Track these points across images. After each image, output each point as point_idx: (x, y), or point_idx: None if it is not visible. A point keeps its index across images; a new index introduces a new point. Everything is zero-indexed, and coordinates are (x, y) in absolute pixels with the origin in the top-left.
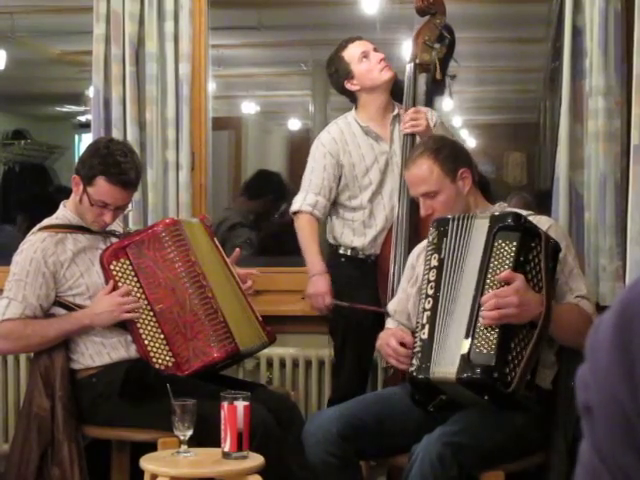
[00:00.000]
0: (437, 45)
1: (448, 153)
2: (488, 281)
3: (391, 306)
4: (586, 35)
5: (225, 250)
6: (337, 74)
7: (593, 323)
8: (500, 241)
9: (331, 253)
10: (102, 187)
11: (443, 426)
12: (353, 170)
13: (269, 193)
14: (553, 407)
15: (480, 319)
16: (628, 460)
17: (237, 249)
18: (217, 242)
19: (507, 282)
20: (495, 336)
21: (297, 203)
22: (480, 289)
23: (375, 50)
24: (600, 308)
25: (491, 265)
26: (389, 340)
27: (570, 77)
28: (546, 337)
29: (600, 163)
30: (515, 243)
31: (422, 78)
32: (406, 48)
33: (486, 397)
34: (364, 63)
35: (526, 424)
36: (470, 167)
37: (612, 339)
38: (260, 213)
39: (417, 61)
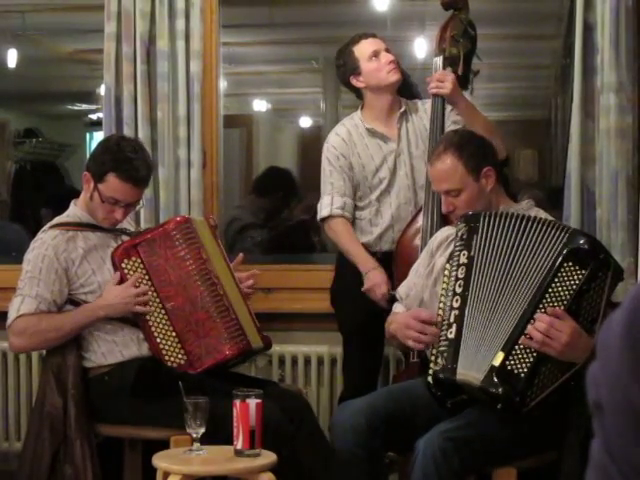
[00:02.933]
0: (463, 40)
1: (473, 150)
2: (544, 301)
3: (402, 289)
4: (597, 31)
5: (236, 252)
6: (344, 67)
7: None
8: (571, 263)
9: (339, 252)
10: (113, 184)
11: (446, 421)
12: (363, 171)
13: (279, 190)
14: (567, 405)
15: (522, 337)
16: (638, 455)
17: (240, 254)
18: (220, 243)
19: (558, 316)
20: (531, 360)
21: (326, 208)
22: (534, 305)
23: (387, 50)
24: (612, 305)
25: (553, 285)
26: (408, 321)
27: (581, 74)
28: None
29: (612, 160)
30: (584, 272)
31: (448, 72)
32: (417, 45)
33: (499, 406)
34: (373, 62)
35: (537, 421)
36: (495, 165)
37: (622, 337)
38: (271, 210)
39: (446, 54)
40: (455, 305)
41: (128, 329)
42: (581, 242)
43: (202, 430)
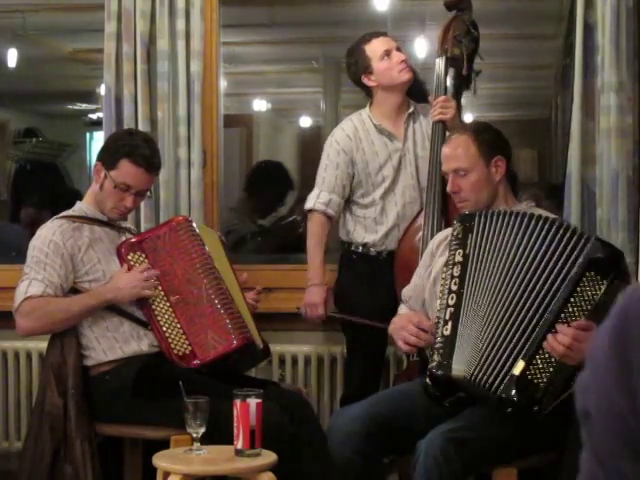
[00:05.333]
0: (466, 40)
1: (489, 138)
2: (566, 311)
3: (406, 291)
4: (598, 31)
5: (235, 261)
6: (356, 66)
7: None
8: (593, 273)
9: (343, 251)
10: (126, 168)
11: (447, 422)
12: (366, 167)
13: (272, 185)
14: (569, 405)
15: (544, 344)
16: (626, 463)
17: (245, 274)
18: (228, 254)
19: (582, 328)
20: (551, 370)
21: (311, 201)
22: (554, 314)
23: (398, 49)
24: None
25: (575, 295)
26: (406, 325)
27: (582, 73)
28: None
29: (612, 159)
30: (606, 282)
31: (451, 72)
32: (417, 45)
33: (509, 409)
34: (385, 61)
35: (538, 421)
36: (507, 158)
37: (610, 345)
38: (265, 209)
39: (448, 55)
40: (451, 302)
41: (128, 325)
42: (602, 251)
43: (202, 430)
